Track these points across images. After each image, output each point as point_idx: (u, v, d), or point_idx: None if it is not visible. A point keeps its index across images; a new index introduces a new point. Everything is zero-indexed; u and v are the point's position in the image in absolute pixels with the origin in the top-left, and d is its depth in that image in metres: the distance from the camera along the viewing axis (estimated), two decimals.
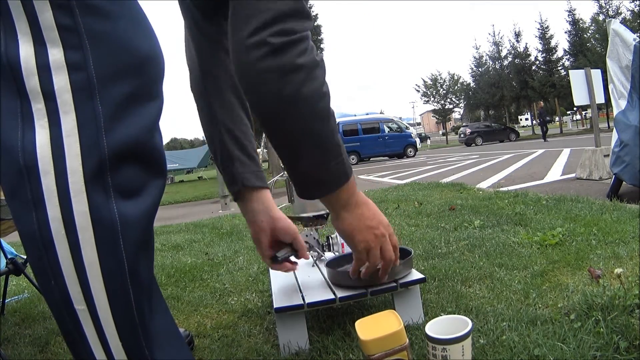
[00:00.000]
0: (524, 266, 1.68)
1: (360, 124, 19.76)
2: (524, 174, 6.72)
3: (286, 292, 1.32)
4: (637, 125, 3.14)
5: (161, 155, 0.68)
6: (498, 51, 32.49)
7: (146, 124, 0.64)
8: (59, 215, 0.58)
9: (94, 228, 0.59)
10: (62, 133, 0.58)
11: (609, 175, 4.45)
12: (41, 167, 0.57)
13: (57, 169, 0.57)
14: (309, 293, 1.27)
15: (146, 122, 0.64)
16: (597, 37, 24.08)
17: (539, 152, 11.57)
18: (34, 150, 0.57)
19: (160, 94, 0.69)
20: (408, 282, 1.27)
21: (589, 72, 5.12)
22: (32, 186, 0.58)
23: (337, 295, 1.23)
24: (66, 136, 0.58)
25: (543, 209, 2.79)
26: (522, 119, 52.00)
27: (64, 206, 0.58)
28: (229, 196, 6.67)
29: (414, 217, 3.10)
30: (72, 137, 0.58)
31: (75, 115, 0.58)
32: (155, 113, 0.67)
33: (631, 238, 1.88)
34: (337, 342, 1.19)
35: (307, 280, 1.40)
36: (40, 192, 0.57)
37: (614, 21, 3.64)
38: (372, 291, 1.24)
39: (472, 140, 25.47)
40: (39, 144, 0.57)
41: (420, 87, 37.87)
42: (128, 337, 0.62)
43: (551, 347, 1.02)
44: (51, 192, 0.58)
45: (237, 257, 2.45)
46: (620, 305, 1.13)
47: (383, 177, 9.58)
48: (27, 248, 0.61)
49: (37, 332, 1.57)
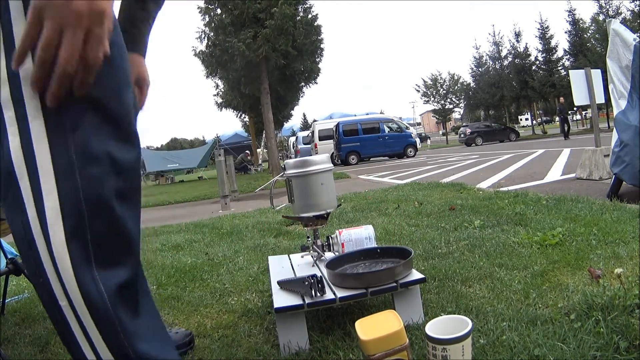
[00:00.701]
0: (524, 266, 1.68)
1: (360, 124, 19.73)
2: (524, 174, 6.72)
3: (286, 293, 1.32)
4: (637, 125, 3.14)
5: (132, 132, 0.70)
6: (498, 51, 32.44)
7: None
8: (35, 215, 0.61)
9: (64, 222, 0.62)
10: (32, 138, 0.61)
11: (609, 175, 4.45)
12: (17, 172, 0.61)
13: (30, 172, 0.61)
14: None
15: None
16: (597, 37, 24.06)
17: (539, 152, 11.56)
18: (9, 156, 0.61)
19: (122, 90, 0.70)
20: (408, 282, 1.27)
21: (589, 72, 5.12)
22: (14, 190, 0.62)
23: (337, 296, 1.23)
24: (35, 141, 0.61)
25: (543, 209, 2.79)
26: (522, 119, 51.97)
27: (38, 206, 0.61)
28: (229, 196, 6.66)
29: (414, 217, 3.10)
30: (42, 140, 0.62)
31: (43, 121, 0.62)
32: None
33: (631, 238, 1.88)
34: (337, 342, 1.19)
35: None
36: (21, 195, 0.61)
37: (614, 21, 3.63)
38: (372, 291, 1.24)
39: (472, 140, 25.45)
40: (13, 150, 0.61)
41: (420, 87, 37.80)
42: (108, 333, 0.63)
43: (551, 347, 1.02)
44: (29, 194, 0.61)
45: (237, 257, 2.45)
46: (620, 305, 1.13)
47: (383, 177, 9.58)
48: (19, 249, 0.65)
49: (37, 332, 1.57)
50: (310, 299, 1.22)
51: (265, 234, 3.14)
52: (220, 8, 14.16)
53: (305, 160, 1.57)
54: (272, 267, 1.65)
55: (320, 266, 1.54)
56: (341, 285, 1.29)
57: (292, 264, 1.65)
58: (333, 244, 1.62)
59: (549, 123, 48.31)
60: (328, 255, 1.60)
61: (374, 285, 1.24)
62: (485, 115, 37.67)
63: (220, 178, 6.67)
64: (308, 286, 1.22)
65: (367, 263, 1.46)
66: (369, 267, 1.43)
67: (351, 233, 1.61)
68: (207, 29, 14.41)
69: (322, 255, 1.60)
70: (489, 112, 36.52)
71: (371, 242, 1.59)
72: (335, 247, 1.62)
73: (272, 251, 2.52)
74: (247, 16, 13.52)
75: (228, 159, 7.94)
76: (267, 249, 2.60)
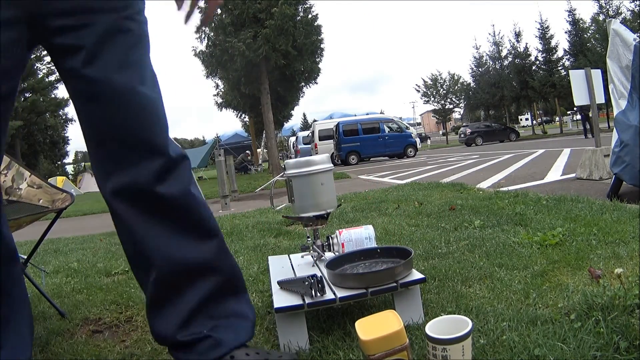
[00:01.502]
0: (524, 266, 1.68)
1: (360, 124, 19.75)
2: (524, 174, 6.72)
3: (286, 293, 1.32)
4: (637, 125, 3.14)
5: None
6: (498, 51, 32.44)
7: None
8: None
9: None
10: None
11: (609, 175, 4.45)
12: None
13: None
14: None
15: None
16: (597, 37, 24.04)
17: (539, 152, 11.56)
18: None
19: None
20: (408, 282, 1.26)
21: (589, 72, 5.12)
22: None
23: (337, 296, 1.22)
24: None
25: (543, 209, 2.79)
26: (522, 119, 51.95)
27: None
28: (229, 196, 6.67)
29: (414, 217, 3.09)
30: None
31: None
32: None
33: (631, 238, 1.88)
34: (337, 342, 1.19)
35: None
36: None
37: (614, 21, 3.63)
38: (373, 291, 1.23)
39: (472, 140, 25.46)
40: None
41: (420, 87, 37.83)
42: None
43: (551, 347, 1.02)
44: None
45: (237, 257, 2.45)
46: (621, 305, 1.13)
47: (383, 177, 9.58)
48: None
49: (37, 332, 1.57)
50: (311, 299, 1.21)
51: (266, 234, 3.14)
52: (220, 8, 14.17)
53: (305, 160, 1.57)
54: (272, 267, 1.64)
55: (320, 266, 1.53)
56: (341, 285, 1.28)
57: (292, 264, 1.65)
58: (333, 244, 1.62)
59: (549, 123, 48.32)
60: (328, 255, 1.60)
61: (374, 285, 1.24)
62: (486, 115, 37.66)
63: (220, 178, 6.68)
64: (308, 286, 1.22)
65: (367, 263, 1.45)
66: (369, 267, 1.42)
67: (351, 233, 1.60)
68: (207, 29, 14.40)
69: (322, 255, 1.60)
70: (489, 112, 36.51)
71: (371, 242, 1.58)
72: (335, 247, 1.61)
73: (272, 251, 2.52)
74: (247, 16, 13.52)
75: (228, 159, 7.95)
76: (267, 249, 2.60)
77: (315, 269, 1.54)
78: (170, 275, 0.99)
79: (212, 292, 1.02)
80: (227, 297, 1.05)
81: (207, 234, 1.04)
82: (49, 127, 32.28)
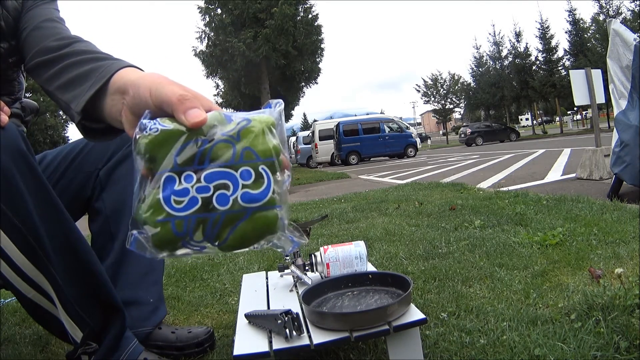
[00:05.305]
0: (525, 266, 1.68)
1: (360, 124, 19.74)
2: (524, 174, 6.72)
3: (252, 331, 1.07)
4: (637, 125, 3.14)
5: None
6: (498, 51, 32.45)
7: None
8: None
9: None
10: None
11: (609, 175, 4.45)
12: None
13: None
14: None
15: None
16: (598, 37, 24.05)
17: (540, 152, 11.56)
18: None
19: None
20: (404, 325, 0.98)
21: (589, 72, 5.11)
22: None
23: (312, 341, 0.97)
24: None
25: (543, 209, 2.79)
26: (522, 119, 51.96)
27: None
28: None
29: (415, 217, 3.09)
30: None
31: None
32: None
33: (631, 238, 1.88)
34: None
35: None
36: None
37: (614, 21, 3.63)
38: (357, 336, 0.97)
39: (473, 140, 25.46)
40: None
41: (420, 87, 37.86)
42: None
43: (551, 347, 1.02)
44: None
45: (237, 257, 2.45)
46: (621, 305, 1.13)
47: (383, 177, 9.58)
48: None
49: (37, 332, 1.57)
50: (283, 343, 0.98)
51: None
52: (220, 8, 14.18)
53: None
54: (243, 291, 1.41)
55: (300, 292, 1.25)
56: (319, 325, 1.03)
57: (269, 288, 1.40)
58: (316, 264, 1.35)
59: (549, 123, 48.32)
60: (312, 275, 1.36)
61: (360, 327, 0.97)
62: (486, 115, 37.69)
63: None
64: (281, 325, 0.99)
65: (355, 292, 1.19)
66: (357, 297, 1.16)
67: (338, 251, 1.32)
68: (207, 29, 14.43)
69: (302, 278, 1.34)
70: (489, 112, 36.54)
71: (362, 262, 1.31)
72: (318, 267, 1.35)
73: (272, 251, 2.52)
74: (247, 16, 13.53)
75: None
76: (267, 249, 2.60)
77: (293, 294, 1.30)
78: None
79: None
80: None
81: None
82: (49, 127, 32.29)
